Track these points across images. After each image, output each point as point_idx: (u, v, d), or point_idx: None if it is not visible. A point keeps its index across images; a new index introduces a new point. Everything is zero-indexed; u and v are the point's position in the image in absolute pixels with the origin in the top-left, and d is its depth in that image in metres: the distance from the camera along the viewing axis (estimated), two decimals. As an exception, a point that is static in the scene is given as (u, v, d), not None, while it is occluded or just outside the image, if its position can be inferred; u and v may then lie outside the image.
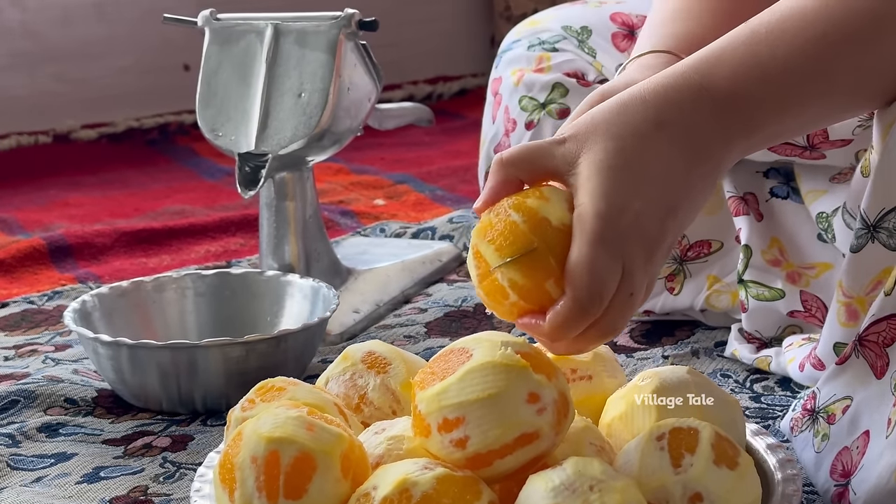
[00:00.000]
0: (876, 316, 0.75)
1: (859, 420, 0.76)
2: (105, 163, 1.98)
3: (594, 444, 0.71)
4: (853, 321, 0.83)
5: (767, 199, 1.03)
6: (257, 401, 0.76)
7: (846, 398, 0.78)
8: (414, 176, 1.77)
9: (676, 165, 0.72)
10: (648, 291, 0.73)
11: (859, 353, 0.77)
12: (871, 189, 0.78)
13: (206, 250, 1.44)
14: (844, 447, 0.76)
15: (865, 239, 0.79)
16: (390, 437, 0.72)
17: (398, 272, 1.26)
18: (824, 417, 0.79)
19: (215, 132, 1.14)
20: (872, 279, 0.80)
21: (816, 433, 0.79)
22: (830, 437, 0.78)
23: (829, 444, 0.78)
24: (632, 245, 0.70)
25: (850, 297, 0.82)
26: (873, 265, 0.80)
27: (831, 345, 0.86)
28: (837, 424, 0.77)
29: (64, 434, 0.95)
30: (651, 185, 0.71)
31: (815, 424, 0.80)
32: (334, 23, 1.14)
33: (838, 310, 0.84)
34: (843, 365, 0.78)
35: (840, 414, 0.77)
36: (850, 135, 0.93)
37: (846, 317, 0.83)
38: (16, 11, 2.04)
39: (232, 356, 0.97)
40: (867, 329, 0.76)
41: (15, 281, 1.35)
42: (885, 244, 0.78)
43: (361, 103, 1.18)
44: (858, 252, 0.80)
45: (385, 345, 0.83)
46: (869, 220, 0.78)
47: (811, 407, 0.81)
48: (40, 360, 1.11)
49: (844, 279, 0.83)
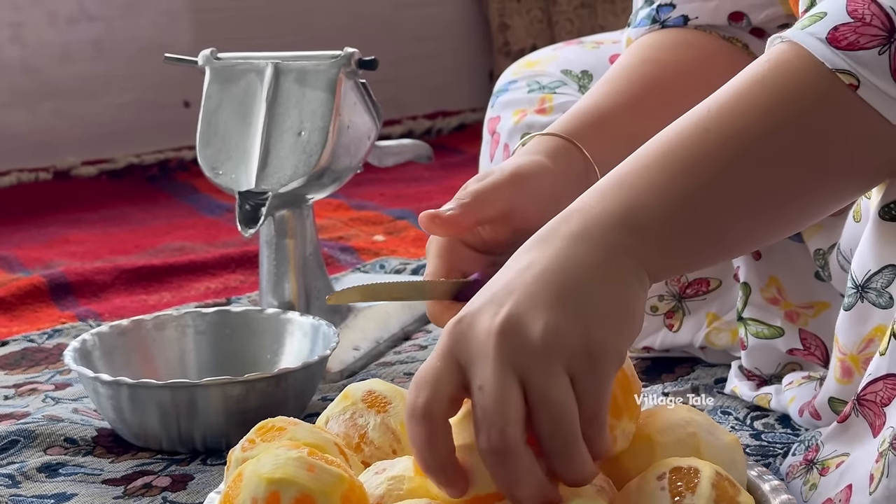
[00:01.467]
0: (873, 375, 0.75)
1: (846, 474, 0.76)
2: (105, 199, 1.99)
3: (594, 483, 0.71)
4: (847, 378, 0.83)
5: (766, 237, 1.03)
6: (258, 441, 0.76)
7: (844, 455, 0.78)
8: (413, 211, 1.77)
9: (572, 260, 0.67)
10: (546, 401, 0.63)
11: (858, 412, 0.77)
12: (859, 251, 0.79)
13: (206, 287, 1.44)
14: (828, 499, 0.76)
15: (855, 298, 0.80)
16: (391, 476, 0.72)
17: (398, 309, 1.27)
18: (819, 469, 0.79)
19: (216, 170, 1.15)
20: (864, 337, 0.81)
21: (806, 482, 0.79)
22: (818, 488, 0.78)
23: (815, 494, 0.78)
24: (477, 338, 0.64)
25: (844, 353, 0.83)
26: (864, 323, 0.80)
27: (826, 399, 0.87)
28: (828, 477, 0.77)
29: (64, 474, 0.95)
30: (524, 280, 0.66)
31: (807, 474, 0.80)
32: (334, 62, 1.15)
33: (835, 365, 0.84)
34: (844, 423, 0.78)
35: (834, 468, 0.78)
36: None
37: (841, 373, 0.84)
38: (15, 49, 2.05)
39: (232, 395, 0.97)
40: (865, 389, 0.76)
41: (15, 319, 1.35)
42: (875, 303, 0.79)
43: (361, 141, 1.19)
44: (850, 310, 0.81)
45: (385, 383, 0.83)
46: (857, 280, 0.79)
47: (812, 458, 0.81)
48: (40, 399, 1.11)
49: (840, 336, 0.83)
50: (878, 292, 0.78)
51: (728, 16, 1.00)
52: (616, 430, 0.72)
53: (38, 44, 2.07)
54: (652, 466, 0.70)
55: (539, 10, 2.51)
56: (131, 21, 2.15)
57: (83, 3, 2.11)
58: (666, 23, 1.01)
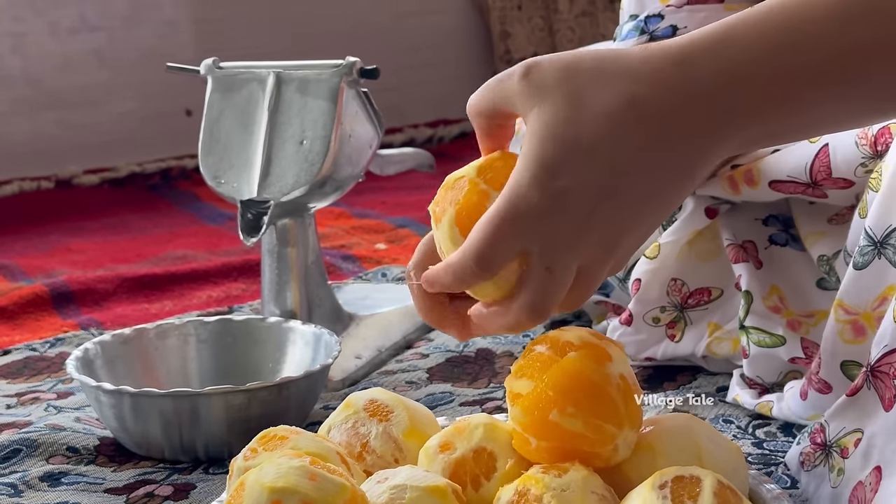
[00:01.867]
0: (889, 346, 0.74)
1: (871, 454, 0.75)
2: (107, 208, 1.99)
3: (596, 492, 0.71)
4: (861, 337, 0.82)
5: (766, 246, 1.03)
6: (260, 450, 0.76)
7: (856, 431, 0.77)
8: (415, 220, 1.77)
9: (635, 145, 0.66)
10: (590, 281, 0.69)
11: (871, 384, 0.76)
12: (878, 205, 0.78)
13: (207, 296, 1.45)
14: (859, 482, 0.75)
15: (871, 255, 0.79)
16: (393, 486, 0.72)
17: (400, 317, 1.27)
18: (837, 451, 0.78)
19: (218, 179, 1.15)
20: (879, 294, 0.80)
21: (832, 468, 0.78)
22: (846, 472, 0.76)
23: (845, 479, 0.76)
24: (548, 219, 0.66)
25: (855, 313, 0.82)
26: (879, 281, 0.79)
27: (838, 364, 0.85)
28: (851, 458, 0.76)
29: (66, 483, 0.95)
30: (596, 162, 0.66)
31: (829, 459, 0.79)
32: (336, 71, 1.15)
33: (841, 329, 0.83)
34: (853, 397, 0.77)
35: (853, 447, 0.76)
36: (852, 176, 0.93)
37: (852, 334, 0.83)
38: (17, 59, 2.06)
39: (234, 404, 0.97)
40: (880, 360, 0.75)
41: (17, 328, 1.35)
42: (892, 261, 0.78)
43: (363, 150, 1.19)
44: (864, 269, 0.80)
45: (387, 392, 0.83)
46: (876, 236, 0.78)
47: (821, 441, 0.80)
48: (42, 408, 1.11)
49: (846, 297, 0.82)
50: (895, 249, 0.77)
51: None
52: (618, 439, 0.72)
53: (39, 54, 2.08)
54: (653, 475, 0.70)
55: (540, 19, 2.51)
56: (133, 31, 2.15)
57: (84, 13, 2.11)
58: (654, 33, 1.00)
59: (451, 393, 1.10)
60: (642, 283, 1.06)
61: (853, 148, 0.91)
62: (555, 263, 0.67)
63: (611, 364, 0.72)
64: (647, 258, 1.06)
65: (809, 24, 0.65)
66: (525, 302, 0.69)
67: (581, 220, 0.67)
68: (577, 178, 0.66)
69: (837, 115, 0.69)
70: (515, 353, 1.18)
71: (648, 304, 1.07)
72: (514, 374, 0.74)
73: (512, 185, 0.67)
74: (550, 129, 0.66)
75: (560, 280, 0.68)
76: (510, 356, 1.18)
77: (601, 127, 0.65)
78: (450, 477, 0.74)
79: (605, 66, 0.66)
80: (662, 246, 1.05)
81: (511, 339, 1.22)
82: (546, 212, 0.66)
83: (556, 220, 0.67)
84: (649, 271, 1.06)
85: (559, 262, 0.67)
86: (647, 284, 1.06)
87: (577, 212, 0.66)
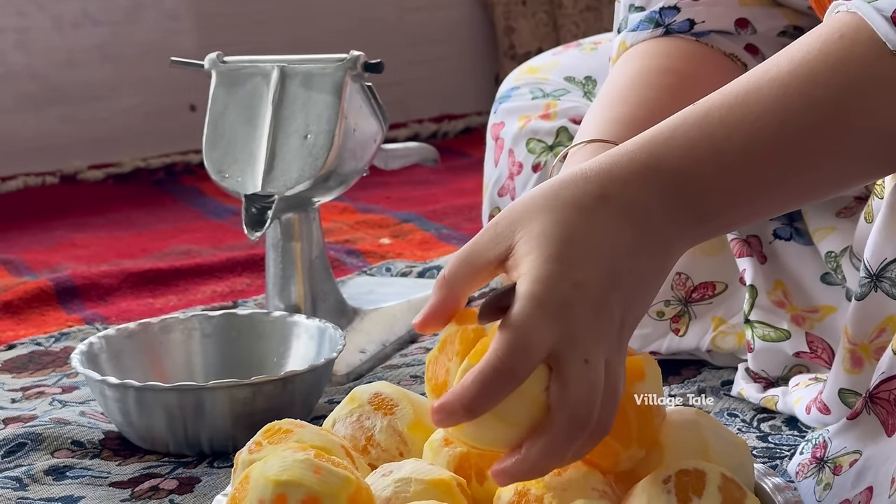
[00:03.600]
0: (886, 374, 0.75)
1: (865, 475, 0.75)
2: (111, 203, 1.99)
3: (597, 489, 0.71)
4: (857, 368, 0.83)
5: (771, 240, 1.03)
6: (264, 443, 0.76)
7: (855, 452, 0.77)
8: (419, 214, 1.77)
9: (623, 237, 0.67)
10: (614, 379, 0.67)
11: (870, 409, 0.77)
12: (873, 239, 0.78)
13: (212, 290, 1.45)
14: (846, 500, 0.76)
15: (868, 287, 0.79)
16: (397, 479, 0.72)
17: (404, 311, 1.27)
18: (831, 468, 0.79)
19: (222, 174, 1.15)
20: (876, 326, 0.80)
21: (819, 482, 0.79)
22: (833, 488, 0.77)
23: (830, 494, 0.77)
24: (574, 310, 0.65)
25: (854, 343, 0.82)
26: (877, 313, 0.80)
27: (836, 391, 0.86)
28: (842, 476, 0.77)
29: (71, 477, 0.95)
30: (594, 253, 0.67)
31: (819, 473, 0.79)
32: (340, 65, 1.15)
33: (844, 356, 0.84)
34: (854, 420, 0.78)
35: (847, 467, 0.77)
36: None
37: (851, 363, 0.83)
38: (21, 54, 2.06)
39: (238, 398, 0.97)
40: (878, 387, 0.75)
41: (22, 322, 1.35)
42: (889, 293, 0.78)
43: (367, 144, 1.19)
44: (862, 300, 0.80)
45: (392, 386, 0.83)
46: (872, 269, 0.78)
47: (821, 456, 0.80)
48: (47, 402, 1.11)
49: (850, 326, 0.83)
50: (892, 282, 0.77)
51: (735, 21, 0.99)
52: (622, 456, 0.72)
53: (43, 49, 2.07)
54: (658, 469, 0.70)
55: (544, 14, 2.51)
56: (136, 25, 2.15)
57: (87, 8, 2.11)
58: (671, 27, 0.99)
59: (456, 387, 1.10)
60: None
61: None
62: (590, 354, 0.65)
63: (640, 384, 0.71)
64: None
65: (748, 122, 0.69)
66: (572, 402, 0.65)
67: (600, 308, 0.66)
68: (588, 267, 0.66)
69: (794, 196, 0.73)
70: (520, 348, 1.18)
71: None
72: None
73: (530, 284, 0.65)
74: (541, 236, 0.66)
75: (598, 372, 0.66)
76: (514, 350, 1.17)
77: (586, 221, 0.67)
78: (454, 470, 0.74)
79: (564, 180, 0.69)
80: None
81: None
82: (570, 302, 0.65)
83: (578, 310, 0.65)
84: None
85: (592, 352, 0.65)
86: None
87: (596, 300, 0.66)
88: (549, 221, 0.67)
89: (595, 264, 0.66)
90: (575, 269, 0.66)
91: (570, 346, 0.65)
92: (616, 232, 0.67)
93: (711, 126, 0.69)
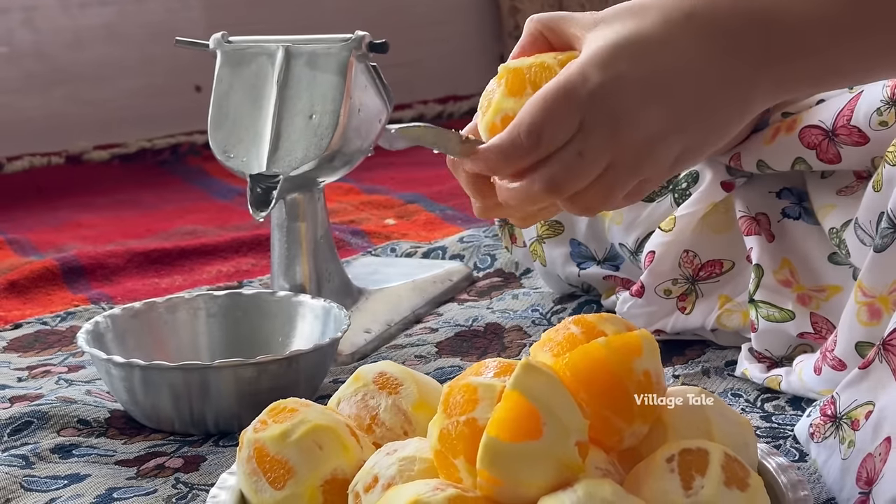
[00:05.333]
0: None
1: (882, 426, 0.75)
2: (117, 183, 1.99)
3: (600, 468, 0.71)
4: (876, 320, 0.82)
5: (779, 219, 1.03)
6: (269, 422, 0.77)
7: (868, 403, 0.77)
8: (425, 195, 1.77)
9: (691, 54, 0.68)
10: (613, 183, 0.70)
11: (883, 357, 0.76)
12: None
13: (217, 270, 1.45)
14: (868, 454, 0.75)
15: (891, 238, 0.79)
16: (402, 457, 0.73)
17: (409, 292, 1.27)
18: (848, 423, 0.78)
19: (227, 154, 1.15)
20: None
21: (843, 440, 0.78)
22: (856, 444, 0.76)
23: (855, 451, 0.76)
24: (600, 105, 0.68)
25: (871, 296, 0.82)
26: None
27: (853, 344, 0.85)
28: (862, 430, 0.76)
29: (77, 455, 0.95)
30: (650, 60, 0.68)
31: (839, 431, 0.79)
32: (345, 45, 1.15)
33: (858, 310, 0.83)
34: (865, 369, 0.77)
35: (863, 419, 0.76)
36: (868, 127, 0.92)
37: (868, 316, 0.83)
38: (27, 34, 2.06)
39: (244, 377, 0.97)
40: (891, 334, 0.75)
41: (28, 302, 1.36)
42: None
43: (372, 124, 1.19)
44: (883, 251, 0.80)
45: (397, 365, 0.83)
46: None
47: (832, 413, 0.80)
48: (53, 381, 1.11)
49: (865, 279, 0.82)
50: None
51: None
52: (625, 433, 0.72)
53: (50, 29, 2.07)
54: (661, 448, 0.71)
55: (550, -6, 2.50)
56: (143, 5, 2.15)
57: (94, -14, 2.11)
58: None
59: (460, 367, 1.10)
60: (656, 255, 1.06)
61: (879, 93, 0.90)
62: (588, 149, 0.68)
63: (639, 359, 0.71)
64: (663, 231, 1.06)
65: None
66: (546, 174, 0.69)
67: (632, 112, 0.68)
68: (636, 66, 0.67)
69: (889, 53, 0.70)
70: (524, 328, 1.18)
71: (661, 276, 1.07)
72: (541, 343, 0.74)
73: (573, 65, 0.68)
74: (614, 31, 0.68)
75: (588, 167, 0.69)
76: (519, 330, 1.18)
77: (661, 31, 0.68)
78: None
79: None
80: (678, 219, 1.05)
81: (521, 313, 1.22)
82: (602, 91, 0.67)
83: (609, 103, 0.67)
84: (664, 244, 1.06)
85: (594, 149, 0.68)
86: (661, 257, 1.06)
87: (631, 101, 0.67)
88: (629, 24, 0.69)
89: (648, 64, 0.68)
90: (623, 61, 0.67)
91: (578, 135, 0.68)
92: (686, 47, 0.68)
93: None
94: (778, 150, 0.98)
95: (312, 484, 0.74)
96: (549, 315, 1.21)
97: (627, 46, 0.68)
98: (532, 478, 0.65)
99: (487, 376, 0.70)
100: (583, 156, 0.68)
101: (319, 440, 0.75)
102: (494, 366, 0.71)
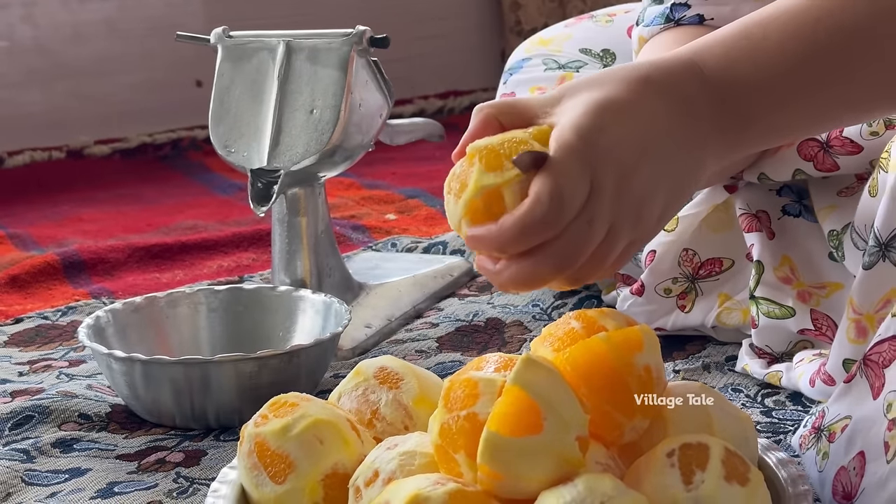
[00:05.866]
0: (882, 336, 0.75)
1: (855, 440, 0.76)
2: (118, 178, 1.99)
3: (600, 462, 0.71)
4: (862, 338, 0.83)
5: (780, 216, 1.03)
6: (270, 416, 0.77)
7: (847, 417, 0.78)
8: (425, 190, 1.77)
9: (660, 114, 0.70)
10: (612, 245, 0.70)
11: (863, 372, 0.77)
12: (884, 208, 0.78)
13: (218, 265, 1.45)
14: (842, 467, 0.76)
15: (877, 257, 0.79)
16: (403, 452, 0.73)
17: (410, 287, 1.27)
18: (826, 436, 0.79)
19: (228, 148, 1.15)
20: (882, 297, 0.81)
21: (819, 451, 0.79)
22: (830, 456, 0.77)
23: (829, 464, 0.77)
24: (605, 165, 0.68)
25: (859, 313, 0.82)
26: (883, 283, 0.80)
27: (840, 361, 0.86)
28: (836, 443, 0.77)
29: (78, 449, 0.96)
30: (631, 122, 0.69)
31: (818, 443, 0.80)
32: (346, 40, 1.15)
33: (848, 326, 0.84)
34: (849, 384, 0.78)
35: (839, 433, 0.77)
36: (860, 137, 0.93)
37: (855, 333, 0.83)
38: (28, 28, 2.06)
39: (244, 371, 0.97)
40: (872, 349, 0.76)
41: (29, 296, 1.36)
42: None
43: (373, 119, 1.19)
44: (870, 269, 0.80)
45: (397, 360, 0.83)
46: (881, 238, 0.78)
47: (818, 425, 0.81)
48: (54, 376, 1.11)
49: (855, 296, 0.83)
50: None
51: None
52: (625, 428, 0.72)
53: (50, 24, 2.07)
54: (661, 443, 0.71)
55: (551, -10, 2.50)
56: (143, 0, 2.15)
57: (95, -19, 2.11)
58: (681, 21, 1.00)
59: (461, 362, 1.10)
60: (657, 254, 1.06)
61: None
62: (597, 215, 0.68)
63: (639, 354, 0.71)
64: (665, 230, 1.06)
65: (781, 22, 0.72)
66: (559, 248, 0.68)
67: (632, 168, 0.68)
68: (623, 125, 0.68)
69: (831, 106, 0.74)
70: (525, 323, 1.18)
71: (661, 275, 1.07)
72: (542, 338, 0.74)
73: (563, 130, 0.68)
74: (586, 99, 0.69)
75: (594, 236, 0.68)
76: (519, 325, 1.18)
77: (628, 94, 0.69)
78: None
79: (611, 67, 0.74)
80: (681, 220, 1.05)
81: (521, 308, 1.22)
82: (607, 147, 0.68)
83: (613, 157, 0.68)
84: (665, 243, 1.06)
85: (602, 214, 0.68)
86: (662, 256, 1.06)
87: (630, 156, 0.68)
88: (595, 90, 0.70)
89: (630, 129, 0.69)
90: (612, 127, 0.68)
91: (589, 201, 0.67)
92: (654, 108, 0.70)
93: (748, 28, 0.73)
94: (779, 162, 0.99)
95: (313, 478, 0.74)
96: (550, 310, 1.21)
97: (608, 107, 0.69)
98: (532, 472, 0.66)
99: (488, 371, 0.70)
100: (591, 224, 0.68)
101: (320, 435, 0.75)
102: (495, 360, 0.71)
